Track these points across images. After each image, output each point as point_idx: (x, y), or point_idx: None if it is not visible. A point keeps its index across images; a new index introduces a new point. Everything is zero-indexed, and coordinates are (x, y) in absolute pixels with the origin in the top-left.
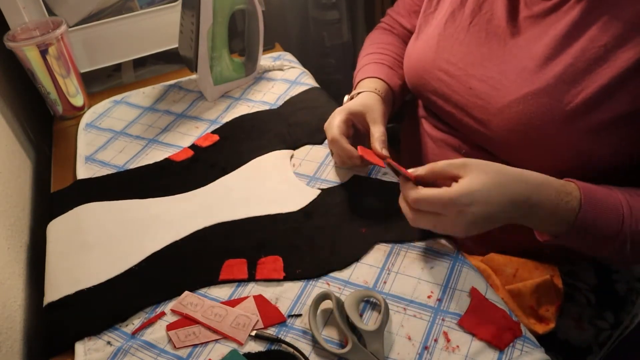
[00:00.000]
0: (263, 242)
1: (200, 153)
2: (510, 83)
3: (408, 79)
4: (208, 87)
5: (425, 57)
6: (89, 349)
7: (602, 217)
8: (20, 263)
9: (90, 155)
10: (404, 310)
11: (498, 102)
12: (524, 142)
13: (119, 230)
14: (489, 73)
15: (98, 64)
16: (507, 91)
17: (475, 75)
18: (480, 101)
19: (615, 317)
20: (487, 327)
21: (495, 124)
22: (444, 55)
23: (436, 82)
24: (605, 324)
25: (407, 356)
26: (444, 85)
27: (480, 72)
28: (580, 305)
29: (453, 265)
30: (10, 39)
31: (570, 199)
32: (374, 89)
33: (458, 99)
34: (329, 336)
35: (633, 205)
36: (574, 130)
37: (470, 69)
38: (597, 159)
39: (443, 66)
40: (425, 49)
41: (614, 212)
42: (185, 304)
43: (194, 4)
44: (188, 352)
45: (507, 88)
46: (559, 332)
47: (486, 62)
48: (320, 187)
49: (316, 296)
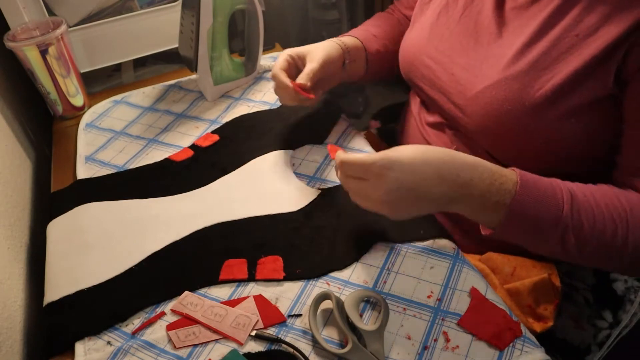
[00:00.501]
0: (263, 242)
1: (200, 153)
2: (487, 70)
3: (401, 67)
4: (208, 87)
5: (417, 44)
6: (89, 349)
7: (540, 201)
8: (20, 263)
9: (90, 155)
10: (403, 310)
11: (474, 88)
12: (497, 128)
13: (119, 230)
14: (472, 61)
15: (98, 64)
16: (484, 78)
17: (459, 62)
18: (460, 87)
19: (613, 316)
20: (487, 326)
21: (471, 109)
22: (433, 43)
23: (424, 69)
24: (604, 323)
25: (407, 356)
26: (430, 71)
27: (464, 60)
28: (578, 305)
29: (453, 265)
30: (10, 39)
31: (505, 180)
32: (338, 40)
33: (441, 85)
34: (329, 336)
35: (576, 196)
36: (544, 116)
37: (455, 56)
38: (570, 146)
39: (432, 53)
40: (418, 37)
41: (553, 199)
42: (185, 303)
43: (194, 4)
44: (188, 352)
45: (484, 75)
46: (558, 332)
47: (471, 51)
48: (320, 187)
49: (316, 296)
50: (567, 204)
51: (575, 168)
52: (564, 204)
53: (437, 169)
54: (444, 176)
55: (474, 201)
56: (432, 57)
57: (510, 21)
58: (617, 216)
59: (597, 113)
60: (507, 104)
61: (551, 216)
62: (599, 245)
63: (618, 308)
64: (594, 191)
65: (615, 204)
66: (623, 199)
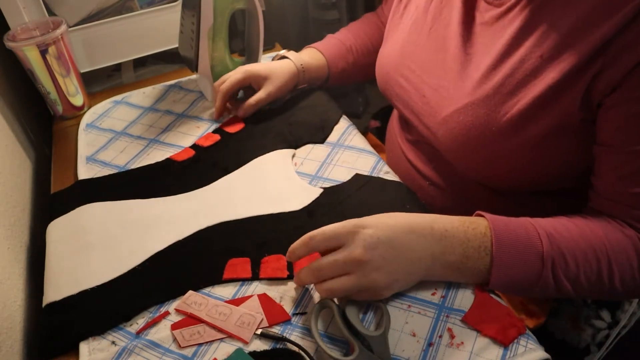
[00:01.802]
0: (266, 241)
1: (202, 153)
2: (455, 92)
3: (378, 84)
4: (208, 86)
5: (390, 62)
6: (93, 349)
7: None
8: (20, 263)
9: (91, 156)
10: (408, 307)
11: (443, 112)
12: (467, 152)
13: (121, 231)
14: (441, 82)
15: (98, 64)
16: (452, 101)
17: (429, 83)
18: (430, 109)
19: (612, 316)
20: (492, 323)
21: (441, 133)
22: (406, 62)
23: (398, 88)
24: (602, 324)
25: (412, 353)
26: (403, 91)
27: (434, 81)
28: (576, 306)
29: None
30: (10, 39)
31: (476, 225)
32: (299, 64)
33: (413, 106)
34: (333, 345)
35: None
36: (511, 141)
37: (425, 76)
38: (540, 170)
39: (404, 72)
40: (390, 55)
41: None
42: (190, 303)
43: (194, 4)
44: (193, 351)
45: (452, 98)
46: (556, 333)
47: (440, 70)
48: (322, 185)
49: (315, 306)
50: (545, 239)
51: (548, 187)
52: (541, 239)
53: (408, 224)
54: (418, 230)
55: (455, 251)
56: (405, 76)
57: (477, 38)
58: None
59: (565, 138)
60: (474, 130)
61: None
62: (590, 285)
63: (616, 308)
64: (570, 229)
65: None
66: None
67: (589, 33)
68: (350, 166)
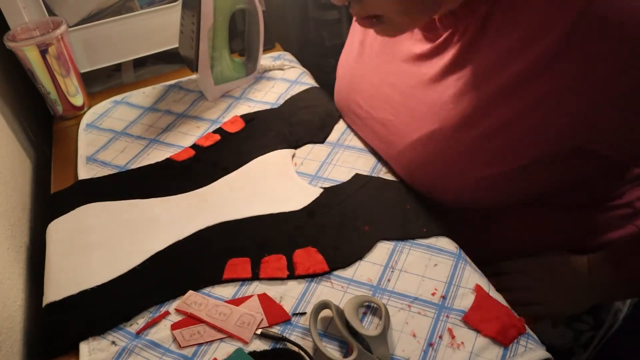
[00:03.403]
0: (266, 241)
1: (202, 153)
2: (403, 127)
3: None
4: (208, 86)
5: (340, 97)
6: (93, 349)
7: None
8: (20, 263)
9: (91, 156)
10: (408, 307)
11: (396, 147)
12: (429, 180)
13: (122, 231)
14: (388, 116)
15: (98, 64)
16: (401, 136)
17: (377, 118)
18: (383, 145)
19: (594, 318)
20: (492, 323)
21: (399, 166)
22: (352, 96)
23: (352, 124)
24: (585, 326)
25: (412, 353)
26: (357, 127)
27: (381, 116)
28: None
29: (456, 262)
30: (10, 39)
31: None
32: None
33: (370, 140)
34: (333, 346)
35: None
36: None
37: (373, 111)
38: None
39: (353, 108)
40: (340, 88)
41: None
42: (190, 303)
43: (194, 4)
44: (193, 351)
45: (400, 132)
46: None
47: (386, 104)
48: (323, 185)
49: (314, 307)
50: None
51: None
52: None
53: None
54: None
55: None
56: (354, 112)
57: (418, 70)
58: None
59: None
60: (428, 162)
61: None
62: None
63: (598, 308)
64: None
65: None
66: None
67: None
68: (350, 166)
